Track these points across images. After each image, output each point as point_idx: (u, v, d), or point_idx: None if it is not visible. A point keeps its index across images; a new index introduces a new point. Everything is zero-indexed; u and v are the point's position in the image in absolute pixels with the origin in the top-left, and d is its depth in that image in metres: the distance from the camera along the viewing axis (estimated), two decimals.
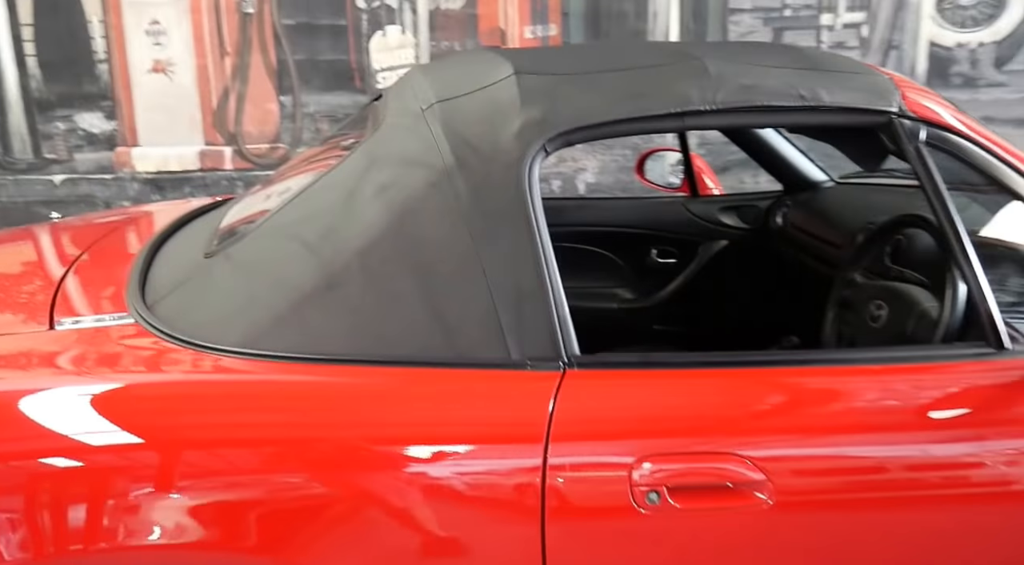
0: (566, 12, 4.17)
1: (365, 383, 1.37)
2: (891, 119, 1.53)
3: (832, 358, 1.50)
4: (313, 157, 2.09)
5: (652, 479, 1.31)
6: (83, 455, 1.30)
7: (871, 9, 4.26)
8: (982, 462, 1.40)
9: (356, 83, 4.18)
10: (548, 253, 1.40)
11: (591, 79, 1.58)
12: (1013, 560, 1.43)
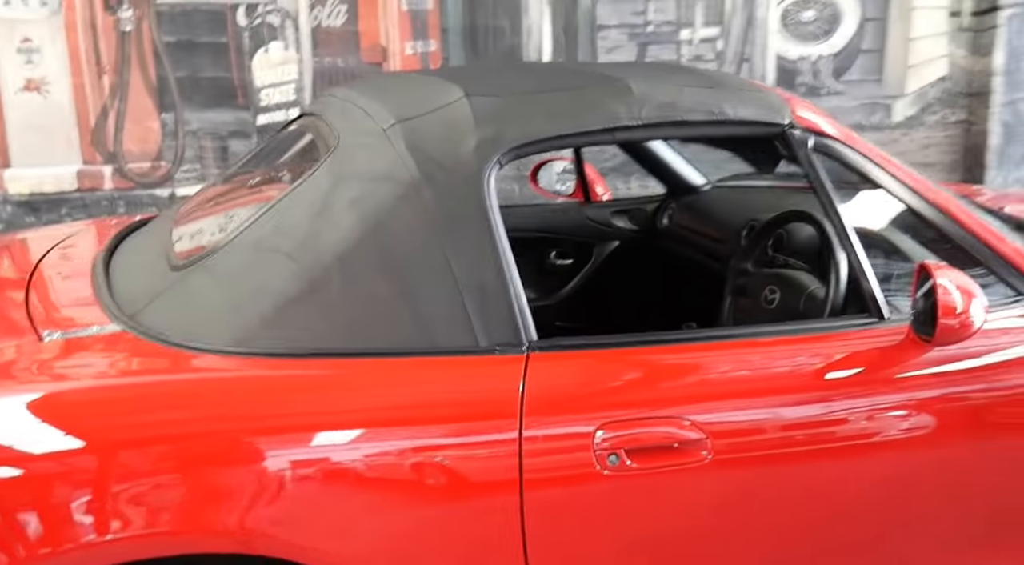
0: (445, 29, 4.33)
1: (353, 373, 1.50)
2: (784, 130, 1.77)
3: (747, 333, 1.71)
4: (245, 178, 2.18)
5: (611, 444, 1.48)
6: (155, 434, 1.42)
7: (724, 25, 4.61)
8: (873, 414, 1.64)
9: (239, 100, 4.19)
10: (507, 251, 1.56)
11: (533, 100, 1.75)
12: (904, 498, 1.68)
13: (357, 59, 4.27)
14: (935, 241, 1.83)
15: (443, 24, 4.33)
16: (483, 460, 1.48)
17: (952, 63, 4.97)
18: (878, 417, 1.64)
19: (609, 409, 1.52)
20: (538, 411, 1.48)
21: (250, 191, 2.08)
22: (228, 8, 4.12)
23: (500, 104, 1.70)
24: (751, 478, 1.57)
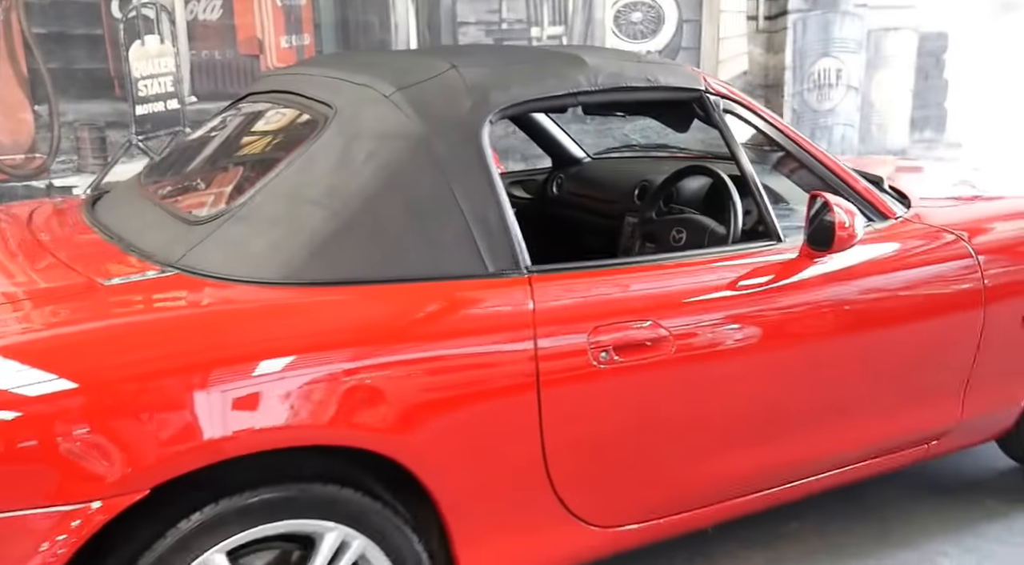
0: (318, 23, 4.56)
1: (389, 296, 1.80)
2: (701, 95, 2.25)
3: (690, 256, 2.16)
4: (216, 149, 2.43)
5: (602, 343, 1.89)
6: (255, 350, 1.67)
7: (568, 24, 5.13)
8: (784, 311, 2.14)
9: (116, 91, 4.24)
10: (503, 192, 1.93)
11: (511, 69, 2.13)
12: (815, 372, 2.20)
13: (234, 52, 4.42)
14: (811, 180, 2.37)
15: (316, 19, 4.56)
16: (508, 364, 1.84)
17: (752, 60, 5.73)
18: (789, 312, 2.16)
19: (598, 317, 1.93)
20: (546, 322, 1.87)
21: (234, 156, 2.34)
22: (102, 1, 4.16)
23: (485, 73, 2.07)
24: (705, 365, 2.04)
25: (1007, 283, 2.44)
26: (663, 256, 2.17)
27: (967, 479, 2.95)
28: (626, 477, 2.04)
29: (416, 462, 1.76)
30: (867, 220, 2.30)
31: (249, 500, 1.63)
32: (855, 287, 2.23)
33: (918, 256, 2.35)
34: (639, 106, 2.39)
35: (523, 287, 1.89)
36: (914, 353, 2.35)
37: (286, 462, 1.71)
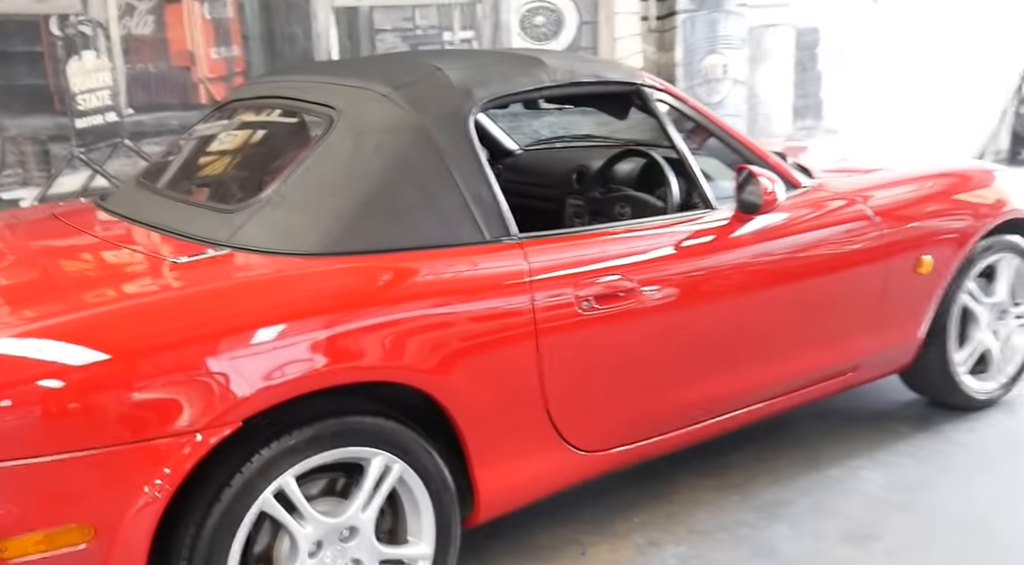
0: (245, 35, 4.76)
1: (410, 262, 2.14)
2: (639, 87, 2.63)
3: (644, 223, 2.54)
4: (218, 149, 2.70)
5: (584, 294, 2.25)
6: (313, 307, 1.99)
7: (477, 28, 5.47)
8: (722, 266, 2.54)
9: (56, 106, 4.34)
10: (490, 172, 2.28)
11: (486, 70, 2.47)
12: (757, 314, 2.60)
13: (167, 65, 4.58)
14: (733, 156, 2.79)
15: (243, 31, 4.75)
16: (513, 314, 2.20)
17: (645, 58, 6.19)
18: (728, 266, 2.57)
19: (579, 274, 2.31)
20: (539, 278, 2.23)
21: (249, 154, 2.62)
22: (41, 19, 4.26)
23: (467, 73, 2.41)
24: (663, 310, 2.47)
25: (900, 239, 2.92)
26: (624, 223, 2.54)
27: (878, 410, 3.46)
28: (606, 407, 2.42)
29: (445, 395, 2.09)
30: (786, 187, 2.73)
31: (318, 431, 1.93)
32: (780, 244, 2.67)
33: (828, 217, 2.81)
34: (587, 98, 2.76)
35: (517, 251, 2.24)
36: (830, 298, 2.81)
37: (340, 402, 2.00)
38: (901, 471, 3.00)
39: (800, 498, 2.84)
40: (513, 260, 2.22)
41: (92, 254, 2.34)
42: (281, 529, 2.00)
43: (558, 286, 2.26)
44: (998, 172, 3.38)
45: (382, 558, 2.12)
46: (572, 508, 2.76)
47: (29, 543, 1.74)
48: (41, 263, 2.36)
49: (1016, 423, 3.33)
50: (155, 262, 2.15)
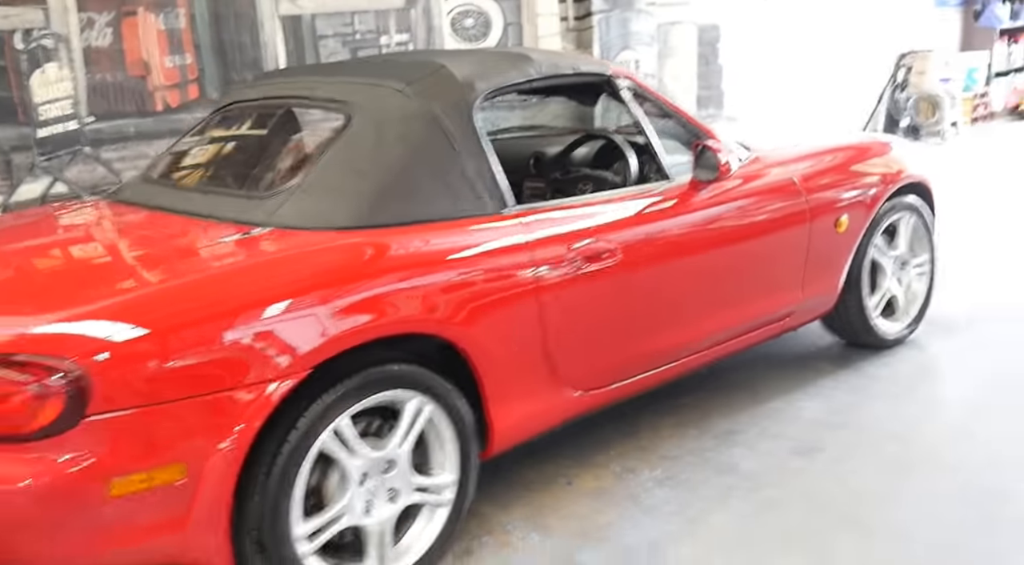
0: (197, 44, 4.99)
1: (429, 232, 2.50)
2: (609, 78, 3.04)
3: (614, 195, 2.93)
4: (235, 144, 3.01)
5: (574, 255, 2.64)
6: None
7: (412, 32, 5.81)
8: (683, 227, 2.97)
9: (20, 117, 4.50)
10: (493, 153, 2.62)
11: (483, 65, 2.82)
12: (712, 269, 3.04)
13: (124, 74, 4.78)
14: (687, 135, 3.21)
15: (195, 41, 4.99)
16: (518, 273, 2.55)
17: None
18: (688, 226, 2.99)
19: (569, 238, 2.68)
20: (537, 244, 2.60)
21: (271, 146, 2.92)
22: (6, 34, 4.41)
23: (468, 69, 2.78)
24: (637, 267, 2.87)
25: (822, 203, 3.42)
26: (597, 195, 2.94)
27: (804, 354, 3.97)
28: (594, 352, 2.82)
29: (467, 344, 2.46)
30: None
31: (365, 378, 2.26)
32: (731, 207, 3.12)
33: (766, 185, 3.27)
34: (566, 88, 3.15)
35: (518, 220, 2.61)
36: (770, 254, 3.28)
37: (377, 355, 2.34)
38: (831, 399, 3.49)
39: (750, 427, 3.29)
40: (515, 228, 2.60)
41: (151, 237, 2.62)
42: (330, 466, 2.32)
43: (553, 249, 2.65)
44: (894, 143, 3.93)
45: (415, 486, 2.45)
46: (554, 447, 3.14)
47: (133, 482, 2.02)
48: (111, 247, 2.65)
49: (921, 357, 3.88)
50: (211, 240, 2.44)
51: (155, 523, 2.06)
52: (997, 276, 4.93)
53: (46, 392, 1.94)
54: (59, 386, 1.94)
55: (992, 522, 2.62)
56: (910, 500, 2.79)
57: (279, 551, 2.19)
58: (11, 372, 1.95)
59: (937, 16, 10.23)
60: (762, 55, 7.75)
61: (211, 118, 3.24)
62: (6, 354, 1.97)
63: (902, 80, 9.35)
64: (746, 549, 2.57)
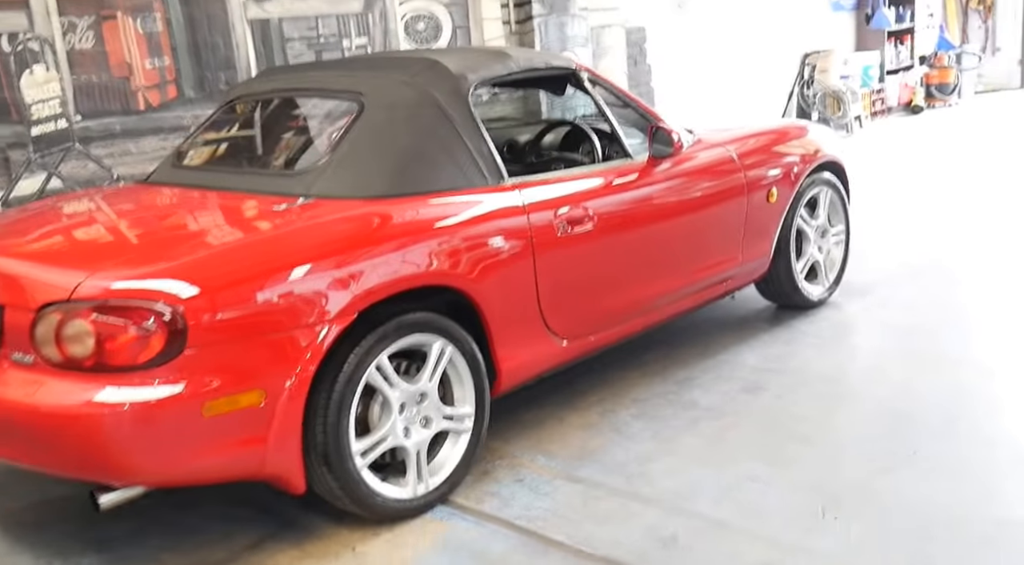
0: (174, 47, 5.32)
1: (443, 201, 2.97)
2: (575, 71, 3.55)
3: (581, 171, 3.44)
4: (250, 132, 3.41)
5: (559, 221, 3.15)
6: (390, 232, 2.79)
7: (371, 35, 6.23)
8: (645, 196, 3.50)
9: (13, 116, 4.77)
10: (486, 133, 3.10)
11: (473, 59, 3.30)
12: (671, 233, 3.58)
13: (108, 74, 5.09)
14: (641, 120, 3.74)
15: (172, 43, 5.31)
16: (517, 236, 3.05)
17: None
18: (647, 196, 3.53)
19: (556, 204, 3.18)
20: (531, 209, 3.10)
21: (294, 131, 3.35)
22: None
23: (458, 64, 3.26)
24: (609, 231, 3.38)
25: (756, 178, 3.99)
26: (575, 170, 3.44)
27: (745, 316, 4.58)
28: (575, 305, 3.31)
29: (477, 295, 2.93)
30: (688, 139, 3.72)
31: (400, 323, 2.72)
32: (682, 181, 3.67)
33: (710, 162, 3.82)
34: (539, 80, 3.65)
35: (514, 191, 3.10)
36: (716, 221, 3.84)
37: (408, 303, 2.79)
38: (769, 351, 4.08)
39: (704, 374, 3.85)
40: (512, 198, 3.09)
41: (208, 208, 3.03)
42: (372, 398, 2.76)
43: (545, 213, 3.14)
44: (810, 127, 4.55)
45: (443, 415, 2.92)
46: (543, 396, 3.64)
47: (222, 405, 2.44)
48: (175, 217, 3.07)
49: (840, 314, 4.51)
50: (263, 209, 2.85)
51: (240, 440, 2.48)
52: (900, 247, 5.63)
53: (151, 331, 2.35)
54: (161, 326, 2.35)
55: (898, 433, 3.22)
56: (838, 421, 3.38)
57: (341, 464, 2.63)
58: (119, 316, 2.35)
59: (833, 19, 11.10)
60: (685, 55, 8.41)
61: (223, 109, 3.63)
62: (116, 300, 2.36)
63: (808, 77, 10.15)
64: (713, 459, 3.11)
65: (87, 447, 2.37)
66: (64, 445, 2.39)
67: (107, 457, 2.38)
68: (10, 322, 2.50)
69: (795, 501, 2.82)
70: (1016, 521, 2.64)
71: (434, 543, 2.75)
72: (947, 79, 12.27)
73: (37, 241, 2.93)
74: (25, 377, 2.45)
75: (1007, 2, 13.20)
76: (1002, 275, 4.96)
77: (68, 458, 2.44)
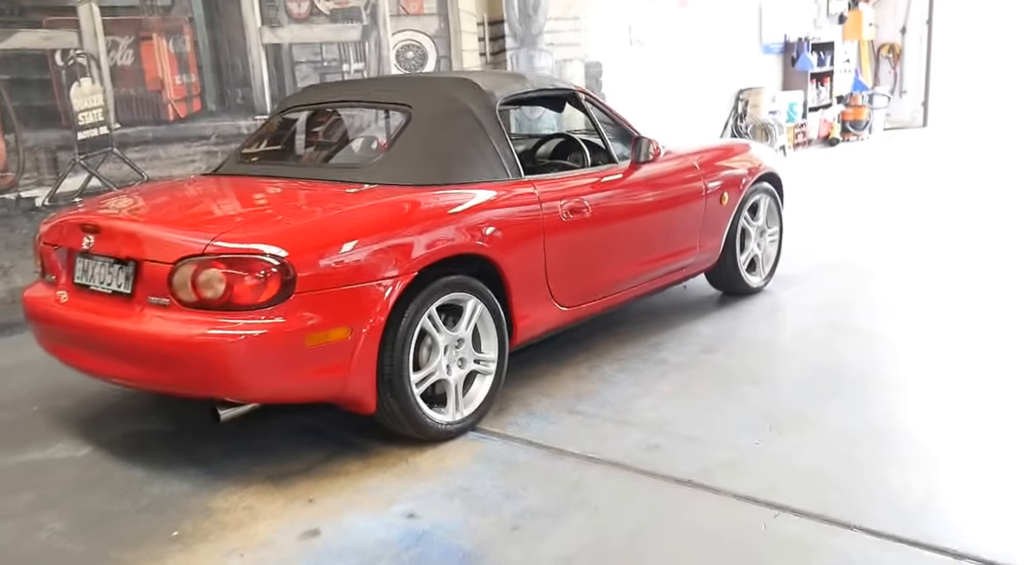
0: (200, 65, 6.03)
1: (478, 189, 3.76)
2: (574, 92, 4.41)
3: (582, 170, 4.28)
4: (308, 136, 4.18)
5: (563, 210, 4.00)
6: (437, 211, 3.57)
7: (367, 61, 7.01)
8: (629, 194, 4.36)
9: (62, 122, 5.42)
10: (511, 140, 3.93)
11: (499, 80, 4.12)
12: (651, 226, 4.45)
13: (144, 88, 5.77)
14: (624, 133, 4.60)
15: (198, 62, 6.03)
16: (531, 220, 3.86)
17: None
18: (630, 194, 4.38)
19: (561, 196, 4.01)
20: (543, 199, 3.92)
21: (350, 133, 4.13)
22: (48, 53, 5.34)
23: (487, 83, 4.06)
24: (601, 220, 4.21)
25: (713, 183, 4.88)
26: (574, 171, 4.27)
27: (698, 299, 5.46)
28: (571, 277, 4.12)
29: (502, 263, 3.72)
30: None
31: (444, 282, 3.49)
32: (659, 182, 4.52)
33: (680, 167, 4.72)
34: (545, 99, 4.48)
35: (530, 184, 3.91)
36: (681, 216, 4.71)
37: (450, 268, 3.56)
38: (719, 324, 4.95)
39: (669, 340, 4.70)
40: (529, 189, 3.90)
41: (290, 191, 3.76)
42: (422, 343, 3.51)
43: (553, 203, 3.95)
44: (751, 145, 5.48)
45: (475, 358, 3.68)
46: (539, 356, 4.44)
47: (319, 337, 3.17)
48: (266, 196, 3.77)
49: (775, 299, 5.42)
50: (338, 192, 3.60)
51: (331, 367, 3.22)
52: (819, 250, 6.61)
53: (268, 278, 3.08)
54: (275, 275, 3.08)
55: (822, 379, 4.11)
56: (777, 371, 4.26)
57: (403, 389, 3.38)
58: (243, 268, 3.08)
59: (764, 60, 12.24)
60: (636, 87, 9.37)
61: (275, 117, 4.38)
62: (241, 255, 3.09)
63: (742, 110, 11.24)
64: (683, 397, 3.94)
65: (214, 368, 3.08)
66: (195, 367, 3.09)
67: (230, 376, 3.09)
68: (148, 273, 3.20)
69: (747, 422, 3.66)
70: (897, 426, 3.53)
71: (471, 455, 3.51)
72: (860, 117, 13.55)
73: (158, 214, 3.64)
74: (162, 315, 3.15)
75: (913, 51, 14.60)
76: (899, 270, 5.98)
77: (197, 378, 3.13)
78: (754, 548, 2.80)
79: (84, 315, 3.33)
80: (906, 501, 3.01)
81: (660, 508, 3.06)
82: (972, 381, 4.05)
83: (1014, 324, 4.79)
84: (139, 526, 3.04)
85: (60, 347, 3.53)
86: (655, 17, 9.92)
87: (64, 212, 3.83)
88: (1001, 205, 8.22)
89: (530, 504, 3.10)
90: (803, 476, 3.21)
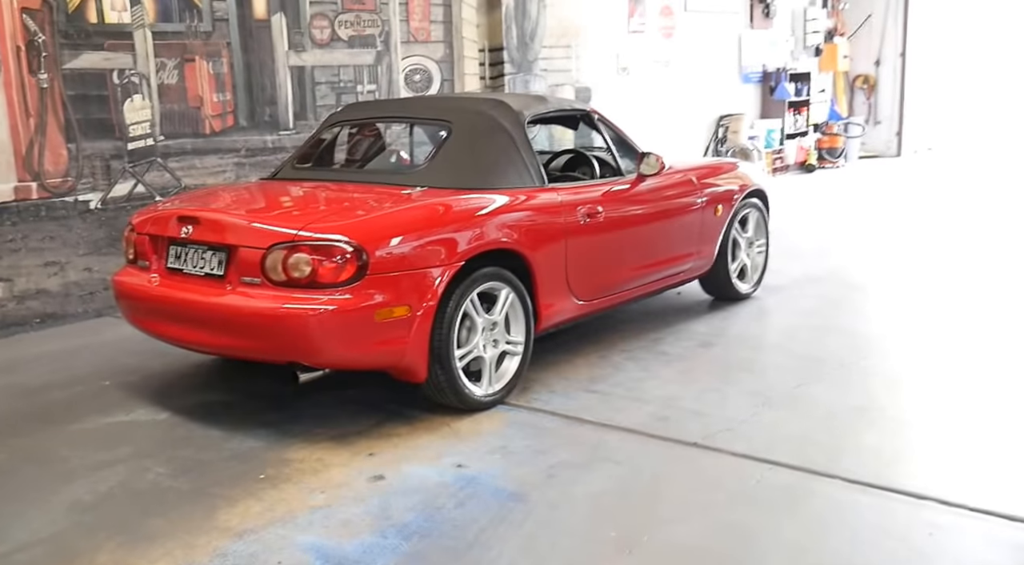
0: (235, 85, 6.57)
1: (511, 193, 4.34)
2: (588, 113, 5.01)
3: (594, 181, 4.87)
4: (355, 148, 4.74)
5: (580, 214, 4.58)
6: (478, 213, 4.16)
7: (379, 83, 7.58)
8: (635, 203, 4.96)
9: (116, 133, 5.93)
10: (536, 152, 4.51)
11: (526, 100, 4.71)
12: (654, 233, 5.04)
13: (186, 104, 6.29)
14: (629, 149, 5.19)
15: (233, 82, 6.57)
16: (556, 223, 4.44)
17: None
18: (637, 203, 4.97)
19: (579, 203, 4.59)
20: (565, 205, 4.51)
21: (395, 145, 4.69)
22: (107, 72, 5.86)
23: (516, 103, 4.64)
24: (611, 225, 4.80)
25: (709, 196, 5.48)
26: (589, 181, 4.84)
27: (693, 303, 6.03)
28: (587, 274, 4.69)
29: (531, 258, 4.28)
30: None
31: (484, 272, 4.05)
32: (662, 193, 5.11)
33: (681, 180, 5.32)
34: (563, 118, 5.06)
35: (553, 191, 4.49)
36: (681, 224, 5.30)
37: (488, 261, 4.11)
38: (714, 323, 5.53)
39: (668, 336, 5.27)
40: (553, 195, 4.47)
41: (350, 192, 4.29)
42: (463, 324, 4.04)
43: (573, 208, 4.52)
44: (739, 164, 6.10)
45: (506, 340, 4.23)
46: (554, 347, 4.99)
47: (384, 313, 3.71)
48: (331, 196, 4.31)
49: (762, 304, 6.01)
50: (394, 193, 4.15)
51: (393, 339, 3.75)
52: (803, 263, 7.23)
53: (346, 261, 3.62)
54: (352, 259, 3.62)
55: (807, 368, 4.70)
56: (767, 361, 4.83)
57: (449, 362, 3.92)
58: (325, 253, 3.62)
59: (744, 89, 12.96)
60: (623, 112, 9.98)
61: (323, 131, 4.94)
62: (324, 242, 3.62)
63: (722, 136, 11.92)
64: (685, 381, 4.51)
65: (298, 337, 3.61)
66: (282, 335, 3.62)
67: (311, 344, 3.62)
68: (243, 256, 3.73)
69: (741, 401, 4.23)
70: (873, 405, 4.12)
71: (503, 422, 4.05)
72: (836, 145, 14.29)
73: (247, 208, 4.23)
74: (255, 292, 3.68)
75: (887, 82, 15.41)
76: (878, 281, 6.61)
77: (282, 345, 3.66)
78: (752, 493, 3.35)
79: (180, 293, 3.84)
80: (878, 457, 3.59)
81: (671, 462, 3.61)
82: (943, 371, 4.66)
83: (982, 323, 5.42)
84: (230, 471, 3.55)
85: (151, 322, 4.04)
86: (641, 47, 10.60)
87: (151, 208, 4.38)
88: (972, 225, 8.92)
89: (560, 459, 3.63)
90: (792, 440, 3.77)
